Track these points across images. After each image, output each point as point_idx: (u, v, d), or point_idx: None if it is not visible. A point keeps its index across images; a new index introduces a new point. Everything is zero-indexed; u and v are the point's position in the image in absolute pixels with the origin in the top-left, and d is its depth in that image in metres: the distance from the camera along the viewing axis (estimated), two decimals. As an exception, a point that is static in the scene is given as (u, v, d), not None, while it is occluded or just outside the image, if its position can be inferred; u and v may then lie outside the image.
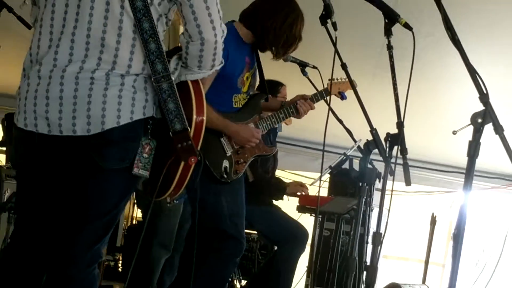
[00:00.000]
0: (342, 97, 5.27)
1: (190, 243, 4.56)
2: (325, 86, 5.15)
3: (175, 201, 3.18)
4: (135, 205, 9.50)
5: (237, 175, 4.59)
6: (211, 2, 3.00)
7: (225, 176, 4.47)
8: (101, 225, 3.08)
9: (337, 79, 5.05)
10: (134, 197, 9.20)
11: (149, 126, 3.03)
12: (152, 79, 2.98)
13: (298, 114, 4.96)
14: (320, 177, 5.05)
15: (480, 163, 2.77)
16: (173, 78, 2.99)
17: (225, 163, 4.49)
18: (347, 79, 4.83)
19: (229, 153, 4.52)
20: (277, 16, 4.45)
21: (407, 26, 3.46)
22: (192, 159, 3.01)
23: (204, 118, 3.10)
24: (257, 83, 4.89)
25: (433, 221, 7.31)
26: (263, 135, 4.78)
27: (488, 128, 2.76)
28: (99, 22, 2.96)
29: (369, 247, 4.82)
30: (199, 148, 3.07)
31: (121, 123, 2.95)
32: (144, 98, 3.01)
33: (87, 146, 2.96)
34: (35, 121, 2.98)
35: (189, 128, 3.00)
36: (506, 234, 3.00)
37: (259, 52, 4.72)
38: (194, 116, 3.05)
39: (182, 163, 3.03)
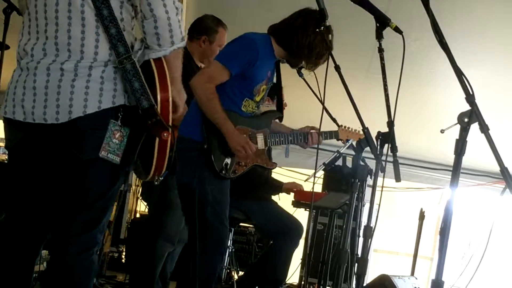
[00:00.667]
0: (346, 143, 5.33)
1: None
2: (337, 128, 5.26)
3: (160, 178, 3.16)
4: (138, 199, 9.50)
5: (234, 175, 4.60)
6: None
7: (223, 172, 4.47)
8: (90, 214, 3.10)
9: (348, 128, 5.29)
10: (138, 191, 9.27)
11: (119, 114, 3.04)
12: (117, 62, 3.00)
13: (306, 144, 5.08)
14: (314, 173, 5.06)
15: (467, 160, 2.77)
16: (135, 59, 3.01)
17: (227, 160, 4.49)
18: (358, 131, 4.87)
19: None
20: (309, 31, 4.44)
21: (397, 30, 3.46)
22: (165, 134, 3.00)
23: (169, 94, 3.07)
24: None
25: (422, 216, 7.31)
26: (263, 149, 4.80)
27: (474, 127, 2.76)
28: (64, 16, 3.01)
29: (361, 240, 4.83)
30: (170, 123, 3.06)
31: (88, 112, 2.98)
32: (113, 87, 3.04)
33: (62, 136, 3.02)
34: (13, 109, 3.08)
35: (155, 105, 3.00)
36: (491, 229, 3.01)
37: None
38: (159, 94, 3.03)
39: (157, 139, 3.03)
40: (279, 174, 8.26)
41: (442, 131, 2.83)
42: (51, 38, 3.04)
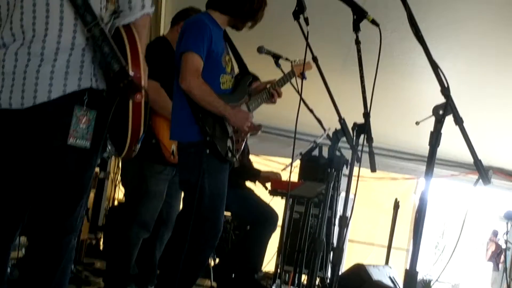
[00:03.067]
0: (303, 76, 5.32)
1: (180, 223, 4.57)
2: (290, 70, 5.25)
3: (138, 145, 3.10)
4: (116, 187, 9.49)
5: (238, 153, 4.67)
6: None
7: (229, 154, 4.52)
8: (65, 200, 3.09)
9: (295, 60, 5.22)
10: (116, 178, 9.26)
11: (84, 98, 3.01)
12: (85, 29, 2.98)
13: (273, 100, 5.07)
14: (291, 162, 5.05)
15: (441, 151, 2.78)
16: (102, 24, 2.99)
17: (229, 142, 4.54)
18: (309, 61, 4.92)
19: (230, 133, 4.56)
20: None
21: (374, 22, 3.47)
22: (138, 95, 2.95)
23: (141, 66, 3.04)
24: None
25: (396, 206, 7.36)
26: None
27: (449, 119, 2.77)
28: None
29: (336, 229, 4.85)
30: (144, 84, 3.03)
31: (52, 97, 2.96)
32: (79, 70, 3.02)
33: (29, 122, 2.99)
34: None
35: (126, 65, 2.97)
36: (464, 219, 3.02)
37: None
38: (128, 53, 3.01)
39: (130, 102, 2.99)
40: (256, 162, 8.26)
41: (417, 123, 2.85)
42: (16, 21, 3.01)
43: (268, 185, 6.65)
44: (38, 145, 3.03)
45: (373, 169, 3.28)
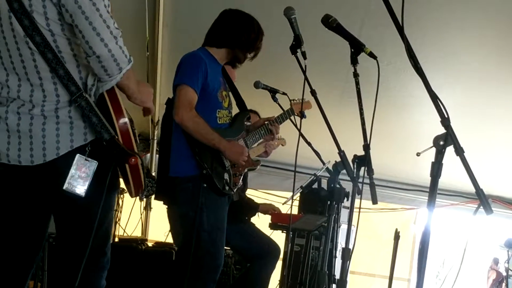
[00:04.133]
0: (303, 115, 5.33)
1: (180, 258, 4.55)
2: (290, 107, 5.27)
3: (144, 194, 3.31)
4: (117, 224, 9.48)
5: (236, 187, 4.69)
6: (93, 16, 2.97)
7: (226, 187, 4.53)
8: (83, 247, 3.15)
9: (296, 99, 5.26)
10: (117, 215, 9.25)
11: (87, 149, 3.08)
12: (72, 100, 3.04)
13: (272, 136, 5.10)
14: (292, 196, 5.07)
15: (440, 181, 2.77)
16: (87, 95, 3.05)
17: (226, 176, 4.55)
18: (306, 99, 4.96)
19: (227, 167, 4.58)
20: (243, 28, 4.67)
21: (371, 55, 3.47)
22: (133, 159, 3.08)
23: (126, 119, 3.14)
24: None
25: (397, 237, 7.31)
26: None
27: (449, 149, 2.76)
28: (20, 66, 3.05)
29: (337, 261, 4.82)
30: (135, 148, 3.16)
31: (61, 153, 3.05)
32: (82, 125, 3.09)
33: (39, 175, 3.09)
34: None
35: (116, 135, 3.06)
36: (465, 247, 3.00)
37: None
38: (116, 123, 3.10)
39: (127, 165, 3.11)
40: (256, 196, 8.24)
41: (418, 154, 2.83)
42: (13, 87, 3.07)
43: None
44: (47, 196, 3.15)
45: (375, 202, 3.26)
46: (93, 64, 3.04)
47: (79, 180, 3.04)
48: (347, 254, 3.38)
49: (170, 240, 6.89)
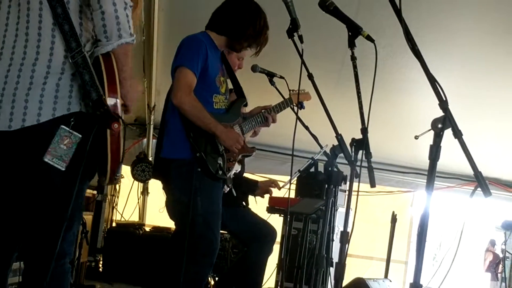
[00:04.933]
0: (301, 106, 5.33)
1: (176, 243, 4.54)
2: (288, 97, 5.27)
3: (117, 175, 3.16)
4: (114, 208, 9.50)
5: (229, 172, 4.67)
6: None
7: (220, 172, 4.51)
8: (47, 224, 3.09)
9: (295, 90, 5.18)
10: (113, 200, 9.27)
11: (71, 120, 3.03)
12: (69, 57, 3.01)
13: (267, 124, 5.11)
14: (290, 180, 5.05)
15: (437, 164, 2.77)
16: (85, 52, 3.02)
17: (219, 160, 4.53)
18: (305, 90, 4.95)
19: (222, 151, 4.56)
20: (247, 21, 4.63)
21: (369, 38, 3.46)
22: (115, 124, 3.00)
23: (118, 100, 3.09)
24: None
25: (394, 220, 7.33)
26: None
27: (446, 131, 2.76)
28: (23, 18, 3.05)
29: (335, 245, 4.83)
30: (120, 114, 3.09)
31: (41, 120, 2.99)
32: (67, 95, 3.04)
33: (16, 143, 3.02)
34: None
35: (103, 95, 3.01)
36: (462, 230, 3.00)
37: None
38: (106, 87, 3.06)
39: (108, 131, 3.03)
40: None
41: (416, 137, 2.83)
42: (9, 43, 3.06)
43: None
44: (22, 163, 3.04)
45: (373, 185, 3.27)
46: (96, 19, 3.03)
47: (60, 152, 2.99)
48: (345, 237, 3.38)
49: (167, 223, 6.92)
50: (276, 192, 6.79)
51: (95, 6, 3.01)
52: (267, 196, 6.76)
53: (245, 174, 6.87)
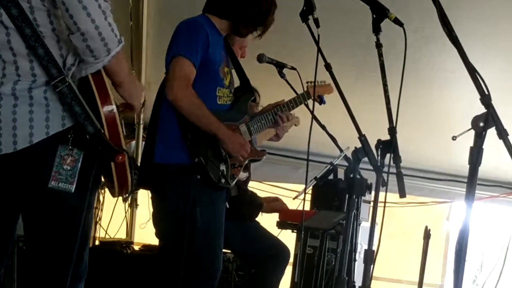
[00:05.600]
0: (321, 101, 5.29)
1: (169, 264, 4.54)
2: (304, 90, 5.20)
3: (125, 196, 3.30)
4: (97, 224, 9.48)
5: (234, 180, 4.66)
6: None
7: (222, 180, 4.48)
8: (58, 247, 3.20)
9: (311, 82, 5.10)
10: (97, 214, 9.26)
11: (69, 136, 3.06)
12: (51, 85, 3.01)
13: (277, 126, 5.14)
14: (305, 189, 5.04)
15: (479, 169, 2.76)
16: (69, 80, 3.03)
17: (222, 167, 4.52)
18: (326, 82, 4.88)
19: (224, 156, 4.54)
20: (252, 1, 4.60)
21: (397, 21, 3.46)
22: (120, 157, 3.08)
23: (113, 106, 3.12)
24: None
25: (427, 236, 7.30)
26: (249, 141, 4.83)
27: (489, 131, 2.75)
28: None
29: (357, 266, 4.83)
30: (123, 143, 3.15)
31: (34, 141, 3.01)
32: (61, 107, 3.06)
33: (10, 167, 3.06)
34: None
35: (102, 129, 3.04)
36: (507, 247, 2.97)
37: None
38: (101, 109, 3.08)
39: (112, 164, 3.11)
40: (260, 190, 8.25)
41: (453, 138, 2.82)
42: None
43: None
44: (20, 192, 3.12)
45: (403, 195, 3.26)
46: (77, 43, 3.02)
47: (65, 174, 3.04)
48: (370, 256, 3.38)
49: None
50: (287, 203, 6.79)
51: (72, 29, 2.99)
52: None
53: (251, 183, 6.88)
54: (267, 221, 6.75)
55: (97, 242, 9.38)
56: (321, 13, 3.92)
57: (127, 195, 3.33)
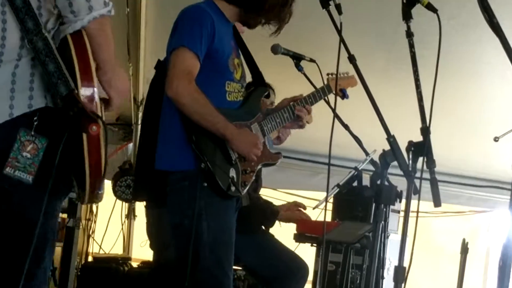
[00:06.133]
0: (344, 95, 5.27)
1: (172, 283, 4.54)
2: (325, 83, 5.18)
3: (99, 192, 3.12)
4: (90, 237, 9.48)
5: (245, 187, 4.59)
6: None
7: (232, 188, 4.44)
8: (10, 258, 3.09)
9: (332, 74, 5.09)
10: (89, 226, 9.27)
11: (34, 120, 3.01)
12: (26, 41, 2.97)
13: (298, 121, 5.03)
14: (326, 198, 5.05)
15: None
16: (47, 34, 2.97)
17: (232, 173, 4.47)
18: (348, 73, 4.86)
19: (235, 160, 4.50)
20: None
21: (430, 7, 3.46)
22: (93, 126, 2.95)
23: (95, 87, 3.04)
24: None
25: (465, 249, 7.30)
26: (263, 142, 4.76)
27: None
28: None
29: (386, 284, 4.83)
30: (98, 111, 3.04)
31: None
32: (28, 86, 3.02)
33: None
34: None
35: (75, 89, 2.95)
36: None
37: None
38: (79, 77, 2.99)
39: (84, 136, 2.97)
40: (274, 198, 8.23)
41: (496, 139, 2.83)
42: None
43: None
44: None
45: (438, 203, 3.26)
46: None
47: (24, 162, 2.98)
48: (401, 274, 3.38)
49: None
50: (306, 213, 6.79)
51: None
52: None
53: (264, 191, 6.87)
54: (283, 233, 6.75)
55: (90, 258, 9.41)
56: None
57: (99, 189, 3.14)
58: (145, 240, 5.03)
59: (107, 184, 8.58)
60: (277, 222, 6.72)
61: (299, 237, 6.68)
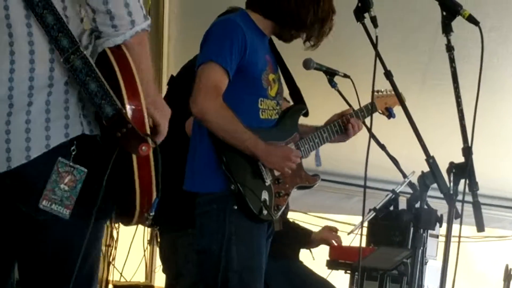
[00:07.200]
0: (390, 114, 5.23)
1: None
2: (366, 101, 5.15)
3: (151, 215, 3.04)
4: (110, 264, 9.49)
5: (278, 211, 4.55)
6: None
7: (264, 212, 4.42)
8: None
9: (381, 91, 5.04)
10: (110, 253, 9.28)
11: (72, 150, 2.96)
12: (61, 60, 2.89)
13: (347, 134, 4.94)
14: (362, 222, 5.04)
15: None
16: (83, 50, 2.89)
17: (264, 195, 4.44)
18: (392, 92, 4.83)
19: (268, 182, 4.48)
20: (307, 2, 4.48)
21: (471, 19, 3.45)
22: (143, 147, 2.86)
23: (143, 104, 2.96)
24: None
25: (508, 276, 7.27)
26: (299, 163, 4.69)
27: None
28: None
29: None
30: (147, 128, 2.97)
31: (32, 156, 2.92)
32: (63, 114, 2.96)
33: (5, 189, 2.97)
34: None
35: (123, 108, 2.86)
36: None
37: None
38: (125, 93, 2.91)
39: (134, 158, 2.92)
40: (305, 222, 8.21)
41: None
42: None
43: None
44: (19, 216, 3.01)
45: (481, 228, 3.25)
46: (96, 5, 2.92)
47: (61, 195, 2.93)
48: (443, 302, 3.37)
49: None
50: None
51: None
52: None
53: (293, 214, 6.86)
54: (315, 259, 6.74)
55: (110, 287, 9.41)
56: (379, 10, 3.93)
57: (150, 214, 3.06)
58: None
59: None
60: (309, 252, 6.72)
61: (332, 264, 6.68)
